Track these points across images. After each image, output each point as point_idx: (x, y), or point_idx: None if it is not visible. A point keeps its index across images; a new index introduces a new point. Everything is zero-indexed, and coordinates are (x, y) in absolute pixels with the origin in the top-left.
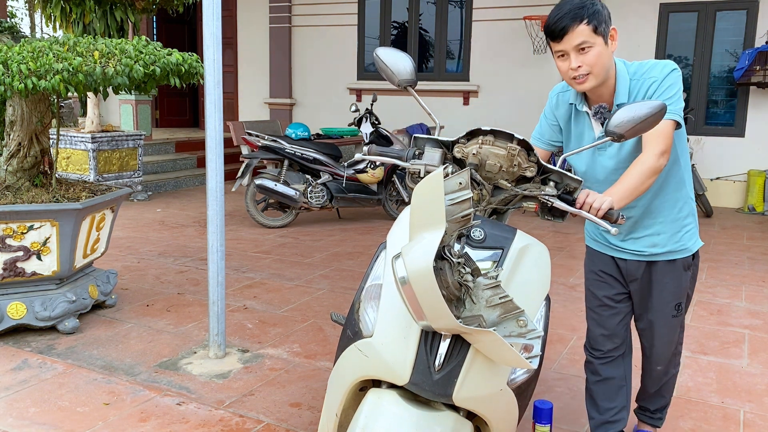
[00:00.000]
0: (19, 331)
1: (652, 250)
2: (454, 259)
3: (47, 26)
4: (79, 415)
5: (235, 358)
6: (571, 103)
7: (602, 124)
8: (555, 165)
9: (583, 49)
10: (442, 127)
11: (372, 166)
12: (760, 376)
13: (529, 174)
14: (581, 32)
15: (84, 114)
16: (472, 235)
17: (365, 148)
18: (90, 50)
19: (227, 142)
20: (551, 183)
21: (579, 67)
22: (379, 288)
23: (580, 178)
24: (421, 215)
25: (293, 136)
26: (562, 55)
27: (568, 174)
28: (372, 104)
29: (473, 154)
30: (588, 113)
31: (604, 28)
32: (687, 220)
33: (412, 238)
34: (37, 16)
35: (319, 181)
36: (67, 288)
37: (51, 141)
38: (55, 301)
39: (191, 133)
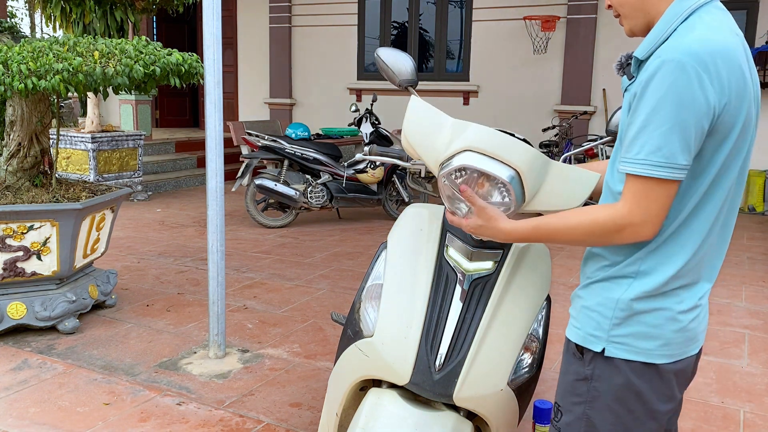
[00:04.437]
0: (19, 331)
1: None
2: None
3: (47, 26)
4: (79, 415)
5: (235, 358)
6: None
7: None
8: None
9: None
10: None
11: (372, 166)
12: (760, 376)
13: None
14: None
15: (84, 114)
16: (472, 234)
17: (366, 148)
18: (90, 50)
19: (227, 142)
20: None
21: (608, 6)
22: (379, 288)
23: None
24: (426, 129)
25: (293, 136)
26: None
27: None
28: (372, 104)
29: None
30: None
31: None
32: None
33: (431, 148)
34: (37, 16)
35: (319, 181)
36: (67, 288)
37: (51, 141)
38: (55, 301)
39: (191, 133)
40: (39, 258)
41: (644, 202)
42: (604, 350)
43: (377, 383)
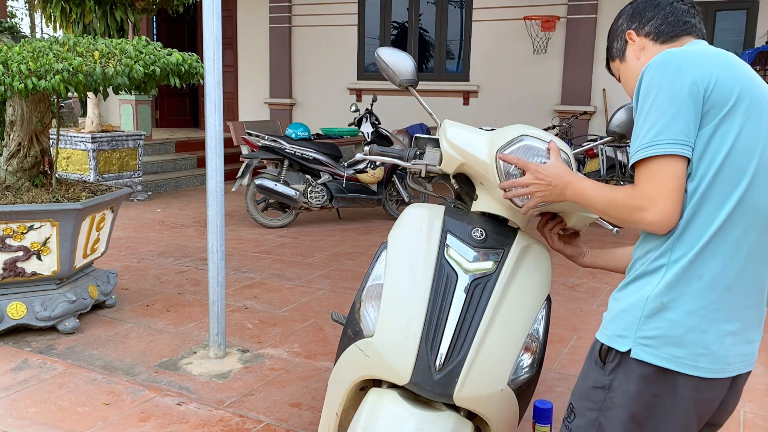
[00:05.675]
0: (19, 331)
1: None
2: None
3: (47, 26)
4: (79, 415)
5: (235, 358)
6: None
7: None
8: None
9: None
10: None
11: (372, 166)
12: (760, 376)
13: None
14: (613, 69)
15: (84, 114)
16: (472, 234)
17: (366, 148)
18: (90, 50)
19: (227, 142)
20: None
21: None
22: (379, 288)
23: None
24: (468, 135)
25: (293, 136)
26: None
27: None
28: (372, 104)
29: None
30: None
31: (619, 45)
32: None
33: (479, 145)
34: (37, 16)
35: (319, 181)
36: (67, 288)
37: (51, 141)
38: (55, 301)
39: (191, 133)
40: (39, 258)
41: (650, 185)
42: (630, 351)
43: (377, 383)
